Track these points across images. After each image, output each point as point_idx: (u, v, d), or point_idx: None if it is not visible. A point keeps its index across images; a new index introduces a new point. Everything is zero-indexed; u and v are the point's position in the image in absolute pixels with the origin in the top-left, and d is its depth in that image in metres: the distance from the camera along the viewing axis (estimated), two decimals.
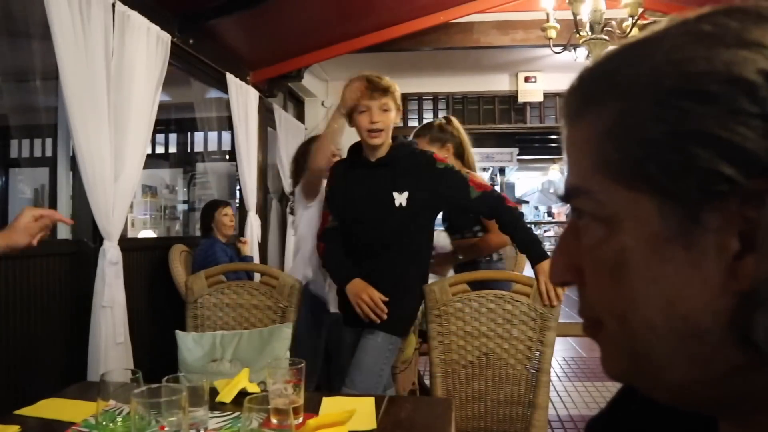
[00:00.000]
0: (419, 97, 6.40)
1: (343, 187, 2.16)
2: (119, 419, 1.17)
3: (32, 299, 2.53)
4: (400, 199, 2.03)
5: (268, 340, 1.86)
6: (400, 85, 2.13)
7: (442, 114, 6.40)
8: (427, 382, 2.89)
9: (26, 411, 1.42)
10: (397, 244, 2.07)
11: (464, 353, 2.05)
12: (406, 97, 5.79)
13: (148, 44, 2.92)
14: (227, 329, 2.13)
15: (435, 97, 6.44)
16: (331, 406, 1.42)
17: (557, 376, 4.40)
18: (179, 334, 1.95)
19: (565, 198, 0.43)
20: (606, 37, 3.21)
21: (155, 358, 3.00)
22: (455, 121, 2.78)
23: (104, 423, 1.18)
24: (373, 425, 1.27)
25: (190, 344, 1.91)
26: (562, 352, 5.12)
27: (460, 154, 2.70)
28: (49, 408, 1.44)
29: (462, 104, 6.49)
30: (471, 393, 2.05)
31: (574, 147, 0.42)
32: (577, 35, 3.49)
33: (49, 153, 4.58)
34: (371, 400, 1.43)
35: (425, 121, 3.00)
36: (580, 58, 4.50)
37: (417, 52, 5.05)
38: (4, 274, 2.39)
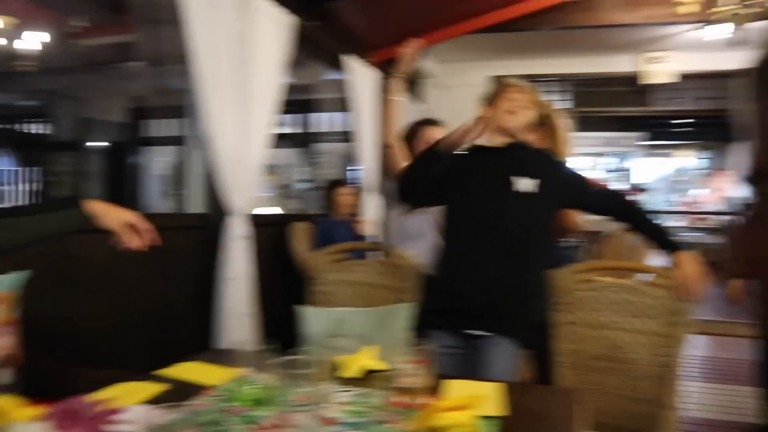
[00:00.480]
0: (537, 79, 6.17)
1: (459, 169, 2.06)
2: (253, 386, 1.20)
3: (166, 270, 2.69)
4: (520, 184, 1.94)
5: (390, 319, 1.85)
6: (519, 67, 2.08)
7: (564, 96, 6.18)
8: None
9: (164, 372, 1.48)
10: (512, 231, 1.93)
11: (591, 344, 1.95)
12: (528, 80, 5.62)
13: (273, 27, 3.00)
14: (347, 306, 2.15)
15: (562, 79, 6.17)
16: (453, 388, 1.38)
17: (686, 374, 4.14)
18: (301, 308, 1.99)
19: (751, 181, 0.37)
20: (759, 9, 2.90)
21: (276, 330, 3.11)
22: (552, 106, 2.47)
23: (239, 389, 1.22)
24: (504, 411, 1.22)
25: (311, 319, 1.94)
26: (692, 350, 4.80)
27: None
28: (186, 371, 1.50)
29: (585, 86, 6.22)
30: (595, 386, 1.95)
31: (766, 126, 0.35)
32: (710, 11, 3.22)
33: (180, 132, 4.85)
34: (499, 386, 1.38)
35: None
36: (711, 35, 4.13)
37: (537, 32, 4.87)
38: None
